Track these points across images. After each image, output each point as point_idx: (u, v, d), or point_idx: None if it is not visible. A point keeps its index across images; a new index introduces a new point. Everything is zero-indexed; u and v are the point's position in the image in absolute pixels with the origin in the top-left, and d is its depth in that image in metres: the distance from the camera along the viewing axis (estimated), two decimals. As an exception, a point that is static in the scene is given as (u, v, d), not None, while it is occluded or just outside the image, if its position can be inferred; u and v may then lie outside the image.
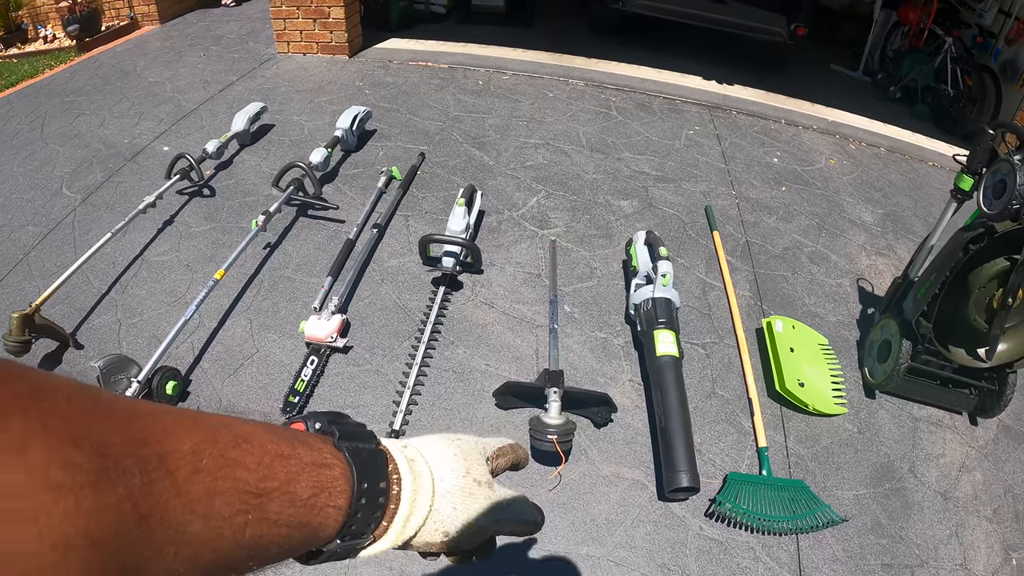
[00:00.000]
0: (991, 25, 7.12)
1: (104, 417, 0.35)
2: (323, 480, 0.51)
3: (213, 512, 0.40)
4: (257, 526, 0.44)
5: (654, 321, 2.91)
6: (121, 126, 4.71)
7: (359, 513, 0.54)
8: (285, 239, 3.63)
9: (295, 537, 0.49)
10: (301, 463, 0.49)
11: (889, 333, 3.16)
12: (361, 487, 0.54)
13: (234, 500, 0.42)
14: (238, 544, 0.42)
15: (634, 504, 2.57)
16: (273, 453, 0.47)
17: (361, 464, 0.55)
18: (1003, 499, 2.89)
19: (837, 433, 3.02)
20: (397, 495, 0.59)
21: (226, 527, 0.41)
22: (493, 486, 0.69)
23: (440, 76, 5.76)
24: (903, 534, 2.66)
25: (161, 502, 0.36)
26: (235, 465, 0.43)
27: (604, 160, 4.75)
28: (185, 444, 0.40)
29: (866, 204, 4.84)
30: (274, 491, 0.45)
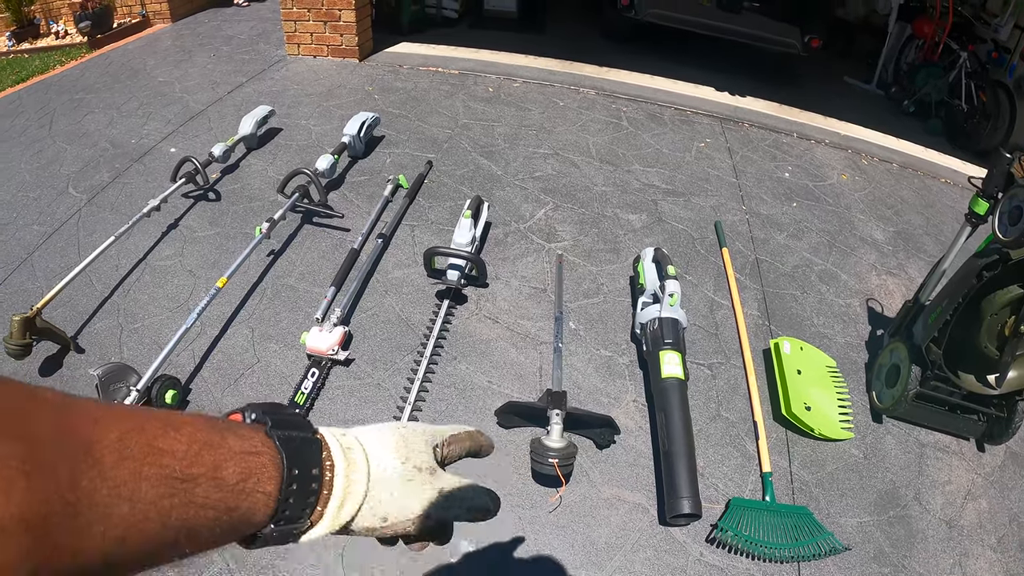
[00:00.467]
0: (1007, 40, 7.07)
1: (35, 412, 0.38)
2: (251, 467, 0.53)
3: (139, 496, 0.42)
4: (184, 509, 0.46)
5: (660, 342, 2.87)
6: (129, 126, 4.70)
7: (291, 499, 0.56)
8: (289, 247, 3.60)
9: (225, 521, 0.51)
10: (230, 451, 0.52)
11: (898, 358, 3.12)
12: (291, 473, 0.56)
13: (159, 484, 0.44)
14: (165, 526, 0.45)
15: (635, 528, 2.54)
16: (201, 441, 0.49)
17: (292, 451, 0.57)
18: (1008, 528, 2.86)
19: (842, 458, 2.98)
20: (330, 482, 0.60)
21: (152, 510, 0.43)
22: (435, 472, 0.70)
23: (450, 82, 5.74)
24: (906, 563, 2.61)
25: (87, 488, 0.39)
26: (161, 453, 0.45)
27: (613, 172, 4.71)
28: (112, 433, 0.42)
29: (877, 222, 4.80)
30: (200, 476, 0.48)
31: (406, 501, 0.65)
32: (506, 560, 2.37)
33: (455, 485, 0.71)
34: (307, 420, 0.62)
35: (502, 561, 2.36)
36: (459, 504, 0.71)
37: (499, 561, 2.36)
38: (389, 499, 0.64)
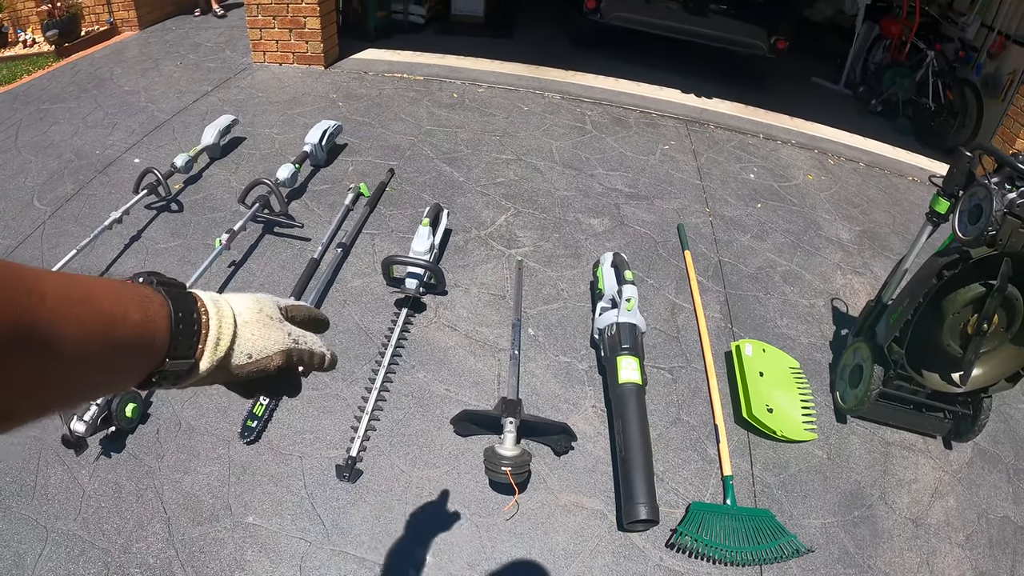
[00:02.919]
0: (973, 39, 7.15)
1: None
2: (148, 310, 0.65)
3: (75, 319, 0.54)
4: (107, 336, 0.58)
5: (617, 347, 2.89)
6: (94, 136, 4.68)
7: (180, 336, 0.68)
8: (250, 257, 3.60)
9: (135, 352, 0.63)
10: (131, 298, 0.64)
11: (861, 358, 3.14)
12: (177, 315, 0.68)
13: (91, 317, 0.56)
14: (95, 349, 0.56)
15: (593, 534, 2.54)
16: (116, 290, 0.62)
17: (174, 299, 0.69)
18: (976, 524, 2.88)
19: (806, 459, 2.99)
20: (206, 323, 0.72)
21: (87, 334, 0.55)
22: (284, 322, 0.82)
23: (415, 88, 5.74)
24: (871, 563, 2.63)
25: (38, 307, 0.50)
26: (92, 296, 0.57)
27: (576, 176, 4.73)
28: (54, 282, 0.53)
29: (843, 221, 4.84)
30: (117, 313, 0.60)
31: (265, 342, 0.77)
32: (463, 569, 2.37)
33: (300, 332, 0.84)
34: (182, 283, 0.74)
35: (460, 570, 2.36)
36: (306, 345, 0.83)
37: (457, 570, 2.36)
38: (252, 338, 0.76)
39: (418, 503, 2.54)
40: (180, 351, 0.69)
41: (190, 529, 2.35)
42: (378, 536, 2.41)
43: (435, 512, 2.52)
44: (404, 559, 2.36)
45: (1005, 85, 6.49)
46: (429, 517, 2.50)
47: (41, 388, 0.53)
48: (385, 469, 2.63)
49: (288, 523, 2.41)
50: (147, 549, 2.28)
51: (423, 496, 2.57)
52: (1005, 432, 3.36)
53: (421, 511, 2.52)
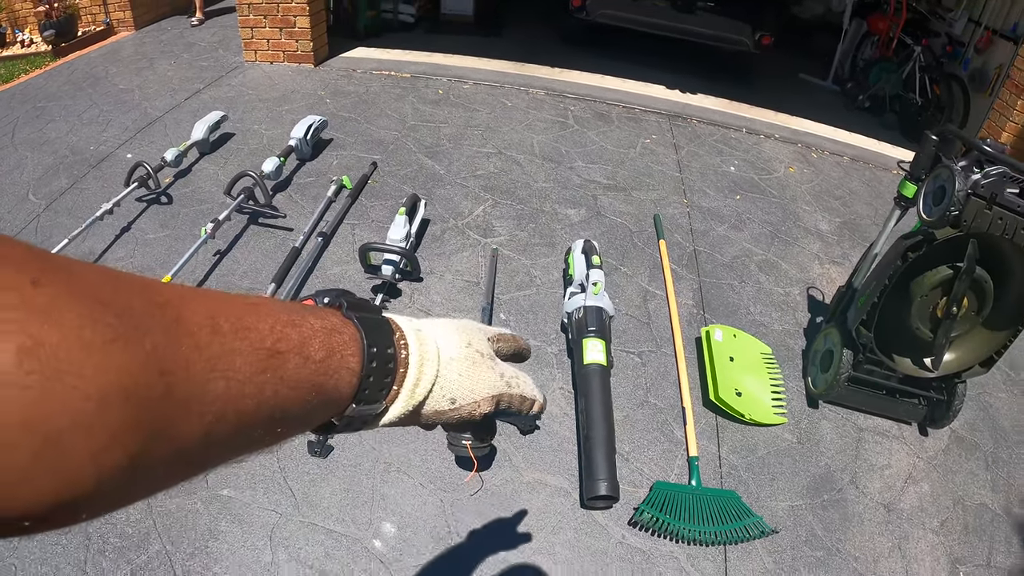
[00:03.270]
0: (961, 34, 7.22)
1: (124, 284, 0.37)
2: (334, 344, 0.53)
3: (234, 371, 0.42)
4: (276, 386, 0.46)
5: (584, 329, 2.96)
6: (89, 133, 4.79)
7: (371, 376, 0.57)
8: (235, 246, 3.71)
9: (313, 401, 0.51)
10: (312, 329, 0.52)
11: (832, 342, 3.16)
12: (371, 351, 0.57)
13: (253, 360, 0.44)
14: (260, 404, 0.44)
15: (556, 511, 2.59)
16: (284, 320, 0.49)
17: (369, 329, 0.58)
18: (952, 511, 2.90)
19: (775, 443, 3.02)
20: (405, 359, 0.61)
21: (247, 387, 0.43)
22: (496, 360, 0.71)
23: (401, 85, 5.85)
24: (840, 547, 2.65)
25: (183, 358, 0.38)
26: (250, 329, 0.45)
27: (555, 169, 4.83)
28: (201, 309, 0.41)
29: (824, 212, 4.91)
30: (289, 352, 0.48)
31: (472, 383, 0.67)
32: (428, 543, 2.44)
33: (512, 371, 0.72)
34: (376, 305, 0.65)
35: (424, 544, 2.43)
36: (517, 388, 0.72)
37: (422, 544, 2.43)
38: (458, 379, 0.65)
39: (386, 479, 2.61)
40: (370, 395, 0.58)
41: (167, 501, 2.43)
42: (346, 509, 2.49)
43: (402, 488, 2.59)
44: (370, 531, 2.44)
45: (992, 79, 6.56)
46: (396, 492, 2.57)
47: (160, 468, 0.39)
48: (355, 446, 2.70)
49: (261, 496, 2.50)
50: (126, 519, 2.36)
51: (391, 472, 2.64)
52: (984, 420, 3.39)
53: (388, 486, 2.59)
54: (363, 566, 2.34)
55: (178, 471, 0.41)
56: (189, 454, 0.40)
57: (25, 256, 0.32)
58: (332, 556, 2.35)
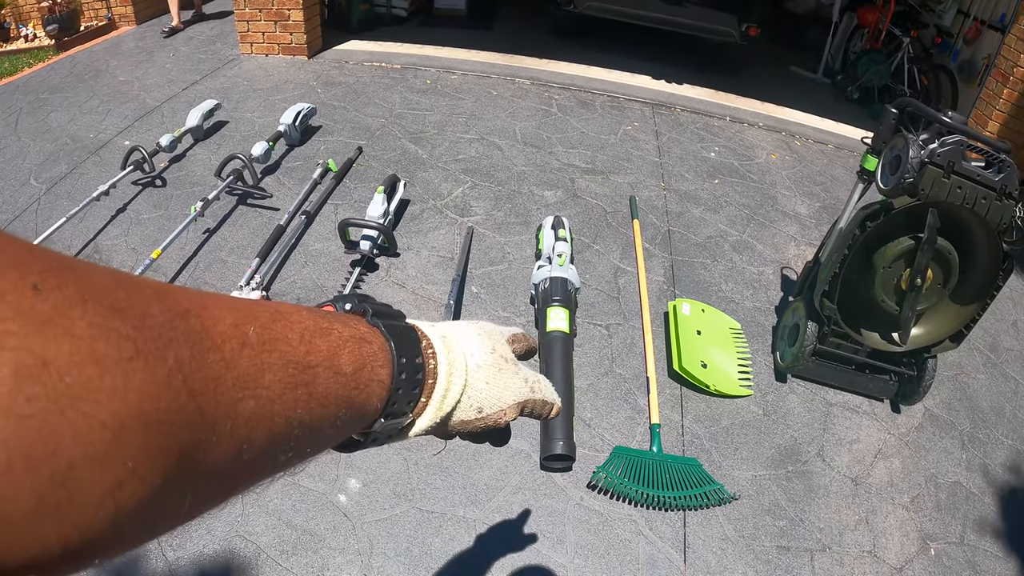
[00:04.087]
0: (950, 26, 7.29)
1: (140, 289, 0.32)
2: (364, 355, 0.50)
3: (263, 388, 0.38)
4: (307, 403, 0.42)
5: (549, 299, 3.08)
6: (89, 122, 4.96)
7: (400, 389, 0.54)
8: (224, 225, 3.87)
9: (343, 417, 0.47)
10: (341, 337, 0.48)
11: (798, 316, 3.19)
12: (400, 362, 0.54)
13: (283, 376, 0.40)
14: (290, 423, 0.40)
15: (516, 472, 2.67)
16: (312, 328, 0.45)
17: (397, 339, 0.55)
18: (924, 487, 2.92)
19: (740, 414, 3.08)
20: (433, 370, 0.58)
21: (278, 404, 0.39)
22: (519, 364, 0.68)
23: (391, 76, 5.99)
24: (804, 517, 2.68)
25: (212, 376, 0.34)
26: (278, 340, 0.41)
27: (536, 154, 4.96)
28: (226, 318, 0.37)
29: (803, 197, 5.00)
30: (319, 366, 0.44)
31: (499, 391, 0.64)
32: (390, 499, 2.54)
33: (534, 376, 0.70)
34: (399, 310, 0.60)
35: (387, 500, 2.54)
36: (540, 394, 0.69)
37: (384, 500, 2.53)
38: (485, 388, 0.62)
39: None
40: (398, 408, 0.55)
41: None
42: (315, 466, 2.58)
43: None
44: (336, 487, 2.55)
45: (980, 70, 6.63)
46: (362, 452, 2.70)
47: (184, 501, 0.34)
48: None
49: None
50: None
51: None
52: (961, 400, 3.43)
53: None
54: (328, 519, 2.45)
55: (203, 502, 0.37)
56: (215, 483, 0.37)
57: (24, 255, 0.27)
58: (299, 509, 2.46)
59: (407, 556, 2.38)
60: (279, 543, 2.36)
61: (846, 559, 2.58)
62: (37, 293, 0.26)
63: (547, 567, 2.41)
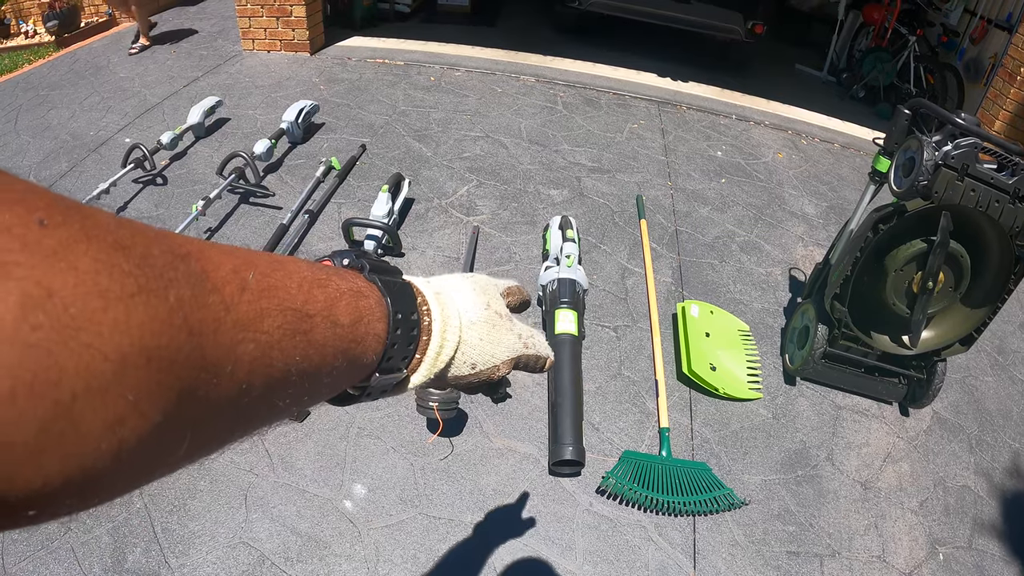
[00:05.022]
0: (956, 25, 7.26)
1: (142, 232, 0.32)
2: (360, 308, 0.51)
3: (263, 332, 0.38)
4: (305, 350, 0.43)
5: (557, 301, 3.04)
6: (89, 119, 4.91)
7: (396, 344, 0.55)
8: (225, 224, 3.82)
9: (340, 368, 0.48)
10: (339, 290, 0.49)
11: (808, 319, 3.16)
12: (396, 317, 0.54)
13: (282, 321, 0.40)
14: (288, 369, 0.41)
15: (524, 477, 2.63)
16: (310, 279, 0.46)
17: (393, 294, 0.55)
18: (932, 491, 2.90)
19: (749, 418, 3.05)
20: (428, 326, 0.59)
21: (276, 350, 0.40)
22: (512, 319, 0.69)
23: (394, 73, 5.94)
24: (814, 522, 2.66)
25: (212, 317, 0.34)
26: (277, 288, 0.41)
27: (541, 152, 4.91)
28: (226, 263, 0.38)
29: (810, 197, 4.96)
30: (317, 315, 0.44)
31: (493, 347, 0.64)
32: (396, 505, 2.50)
33: (528, 331, 0.71)
34: (395, 267, 0.61)
35: (393, 506, 2.50)
36: (533, 348, 0.70)
37: (390, 505, 2.50)
38: (479, 344, 0.63)
39: (359, 443, 2.69)
40: (392, 363, 0.56)
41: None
42: (320, 471, 2.57)
43: (374, 451, 2.66)
44: (342, 492, 2.51)
45: (987, 70, 6.60)
46: (368, 456, 2.65)
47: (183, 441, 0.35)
48: (332, 411, 2.75)
49: (238, 457, 2.58)
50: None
51: (364, 436, 2.71)
52: (969, 403, 3.40)
53: (361, 450, 2.66)
54: (333, 525, 2.41)
55: (202, 444, 0.37)
56: (215, 425, 0.37)
57: (30, 192, 0.28)
58: (304, 515, 2.42)
59: (414, 563, 2.34)
60: (283, 550, 2.33)
61: (855, 564, 2.56)
62: (43, 228, 0.26)
63: (556, 574, 2.38)
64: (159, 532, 2.32)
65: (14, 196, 0.27)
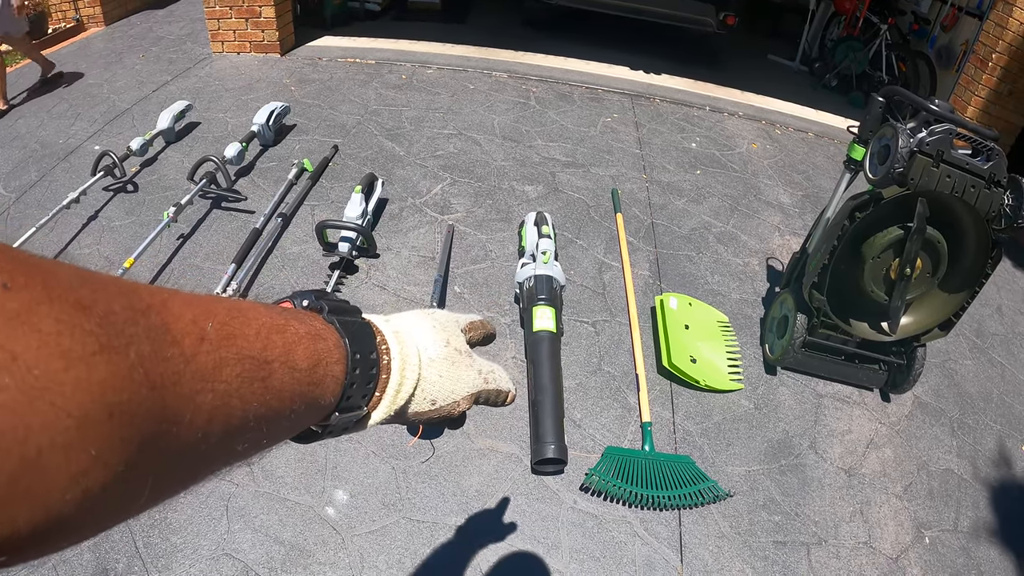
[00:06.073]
0: (927, 12, 7.31)
1: (102, 286, 0.33)
2: (319, 351, 0.52)
3: (221, 381, 0.39)
4: (263, 396, 0.44)
5: (534, 298, 3.02)
6: (58, 127, 4.85)
7: (354, 384, 0.55)
8: (198, 230, 3.77)
9: (298, 410, 0.49)
10: (296, 334, 0.50)
11: (787, 308, 3.17)
12: (355, 358, 0.55)
13: (240, 370, 0.42)
14: (246, 415, 0.42)
15: (507, 477, 2.62)
16: (268, 325, 0.47)
17: (351, 335, 0.56)
18: (916, 476, 2.92)
19: (731, 409, 3.06)
20: (387, 365, 0.60)
21: (235, 398, 0.41)
22: (472, 356, 0.70)
23: (366, 72, 5.90)
24: (800, 511, 2.67)
25: (172, 370, 0.35)
26: (236, 336, 0.42)
27: (515, 148, 4.90)
28: (186, 314, 0.39)
29: (786, 186, 4.98)
30: (275, 361, 0.46)
31: (453, 384, 0.66)
32: (379, 510, 2.49)
33: (488, 367, 0.72)
34: (355, 306, 0.62)
35: (376, 511, 2.48)
36: (494, 383, 0.71)
37: (373, 511, 2.48)
38: (438, 381, 0.65)
39: (339, 448, 2.66)
40: (352, 402, 0.57)
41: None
42: (300, 479, 2.54)
43: (355, 457, 2.64)
44: (323, 499, 2.49)
45: (958, 56, 6.64)
46: (349, 461, 2.63)
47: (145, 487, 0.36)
48: None
49: (218, 467, 2.58)
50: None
51: (344, 441, 2.68)
52: (949, 387, 3.43)
53: (341, 455, 2.64)
54: (316, 532, 2.39)
55: (164, 489, 0.39)
56: (176, 471, 0.38)
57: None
58: (286, 524, 2.40)
59: (399, 568, 2.33)
60: (267, 560, 2.30)
61: (842, 551, 2.57)
62: (6, 291, 0.27)
63: (542, 573, 2.37)
64: (141, 547, 2.29)
65: None
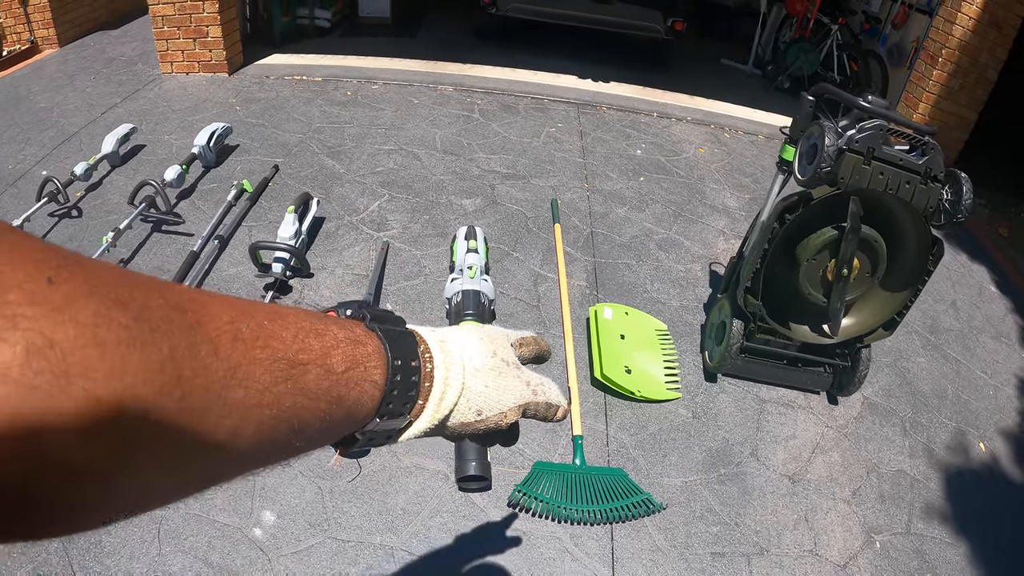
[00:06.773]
0: (878, 11, 7.41)
1: (142, 285, 0.36)
2: (357, 356, 0.53)
3: (253, 380, 0.41)
4: (295, 398, 0.45)
5: (461, 313, 3.05)
6: (7, 152, 4.85)
7: (395, 390, 0.56)
8: (138, 254, 3.81)
9: (334, 414, 0.50)
10: (335, 338, 0.51)
11: (724, 314, 3.15)
12: (395, 364, 0.56)
13: (273, 369, 0.43)
14: (278, 416, 0.43)
15: (433, 494, 2.62)
16: (307, 328, 0.48)
17: (393, 342, 0.57)
18: (865, 479, 2.91)
19: (668, 419, 3.04)
20: (430, 373, 0.61)
21: (266, 397, 0.42)
22: (521, 367, 0.70)
23: (311, 89, 5.94)
24: (740, 521, 2.64)
25: (202, 366, 0.37)
26: (271, 336, 0.44)
27: (455, 161, 4.95)
28: (223, 315, 0.40)
29: (733, 190, 5.05)
30: (310, 363, 0.47)
31: (499, 394, 0.66)
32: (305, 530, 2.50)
33: (538, 379, 0.71)
34: (399, 316, 0.63)
35: (302, 531, 2.49)
36: (543, 396, 0.71)
37: (300, 531, 2.49)
38: (484, 391, 0.64)
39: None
40: (394, 408, 0.57)
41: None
42: (230, 500, 2.55)
43: (282, 477, 2.65)
44: (251, 520, 2.51)
45: (909, 54, 6.73)
46: (277, 481, 2.64)
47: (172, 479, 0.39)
48: None
49: (147, 490, 2.61)
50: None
51: None
52: (901, 386, 3.44)
53: (271, 476, 2.63)
54: (244, 554, 2.40)
55: (190, 483, 0.41)
56: (202, 466, 0.40)
57: (41, 252, 0.31)
58: (215, 546, 2.41)
59: (324, 588, 2.33)
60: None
61: (786, 561, 2.56)
62: (50, 285, 0.30)
63: (469, 593, 2.37)
64: (77, 571, 2.31)
65: (28, 255, 0.30)
